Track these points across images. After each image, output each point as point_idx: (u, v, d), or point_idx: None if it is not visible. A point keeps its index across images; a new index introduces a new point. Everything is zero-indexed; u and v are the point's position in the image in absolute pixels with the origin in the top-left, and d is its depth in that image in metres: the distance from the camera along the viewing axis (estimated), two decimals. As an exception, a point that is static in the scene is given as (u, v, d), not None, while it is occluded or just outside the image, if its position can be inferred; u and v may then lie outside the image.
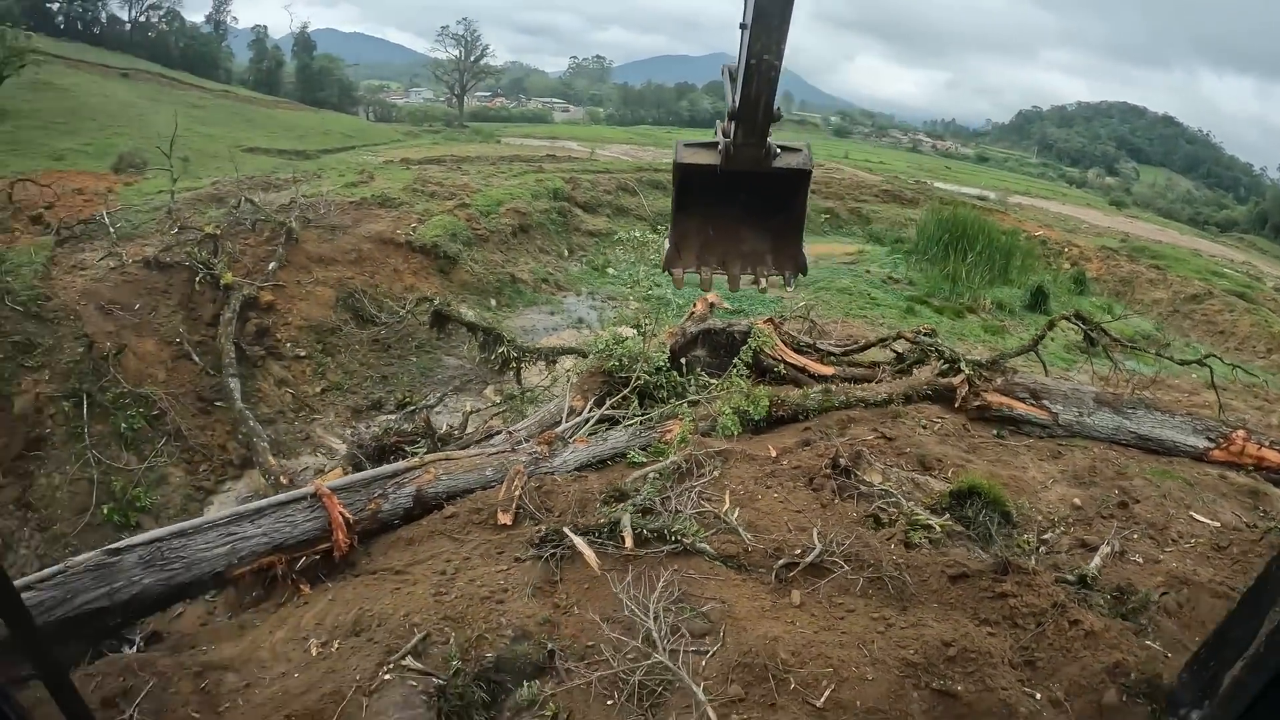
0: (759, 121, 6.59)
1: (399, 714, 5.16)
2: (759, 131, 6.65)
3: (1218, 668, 1.97)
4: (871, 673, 5.21)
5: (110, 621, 6.80)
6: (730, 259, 7.91)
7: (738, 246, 7.96)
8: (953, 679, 5.14)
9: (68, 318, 12.51)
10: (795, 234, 7.47)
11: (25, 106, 44.40)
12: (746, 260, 7.93)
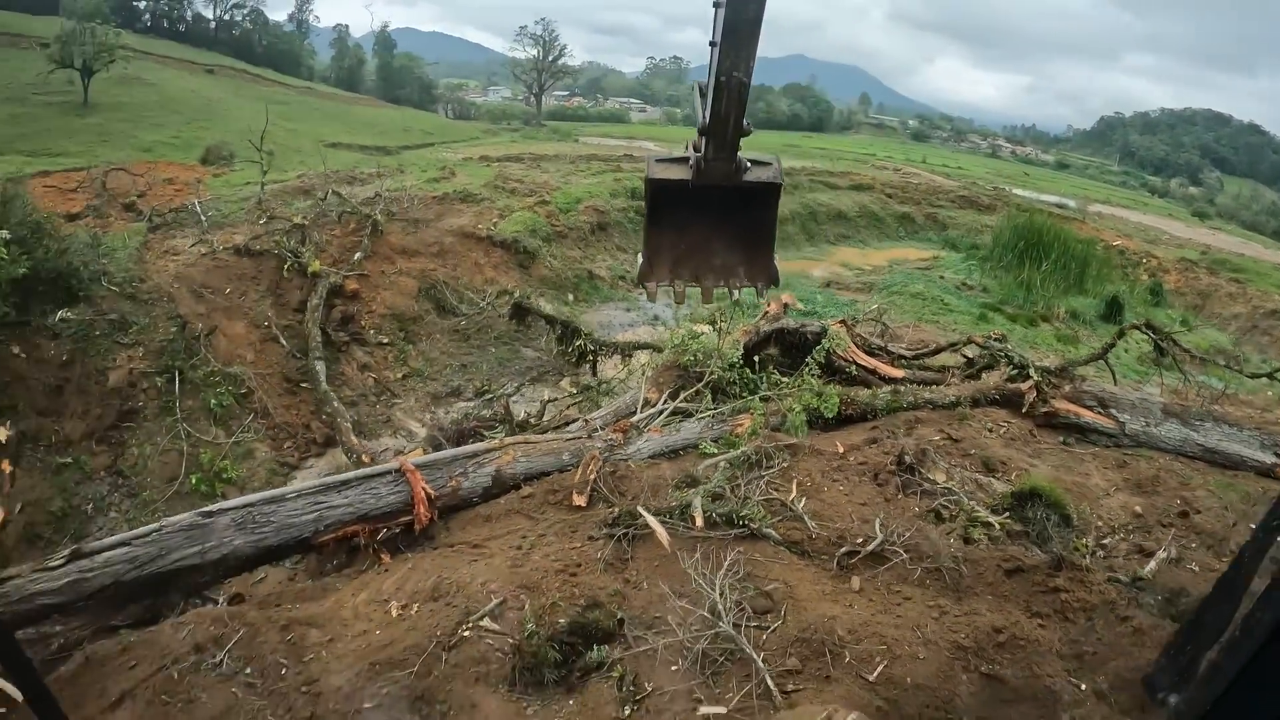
0: (729, 137, 6.97)
1: (475, 669, 5.73)
2: (729, 147, 7.04)
3: (1195, 652, 2.02)
4: (923, 653, 5.62)
5: (200, 579, 7.43)
6: (703, 272, 8.37)
7: (710, 259, 8.47)
8: (1001, 664, 5.51)
9: (161, 299, 13.48)
10: (767, 246, 8.08)
11: (114, 100, 46.92)
12: (719, 273, 8.42)
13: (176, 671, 5.74)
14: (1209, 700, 1.48)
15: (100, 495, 10.68)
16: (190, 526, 7.46)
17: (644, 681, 5.50)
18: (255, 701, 5.50)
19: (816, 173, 35.50)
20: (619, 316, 17.98)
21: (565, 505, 7.90)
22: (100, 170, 20.94)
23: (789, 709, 5.05)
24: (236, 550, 7.49)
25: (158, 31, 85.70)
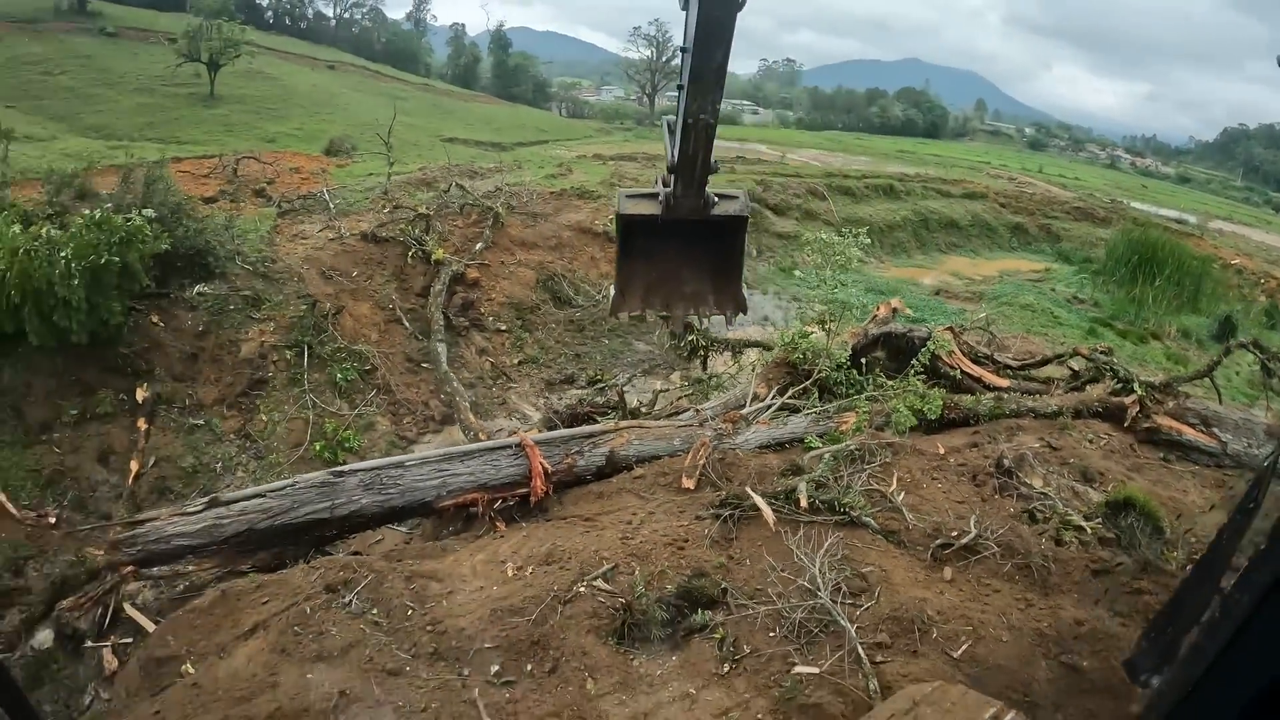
0: (697, 175, 7.67)
1: (588, 622, 6.31)
2: (697, 184, 7.73)
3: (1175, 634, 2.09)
4: (1007, 636, 6.03)
5: (327, 532, 8.37)
6: (673, 300, 8.88)
7: (680, 288, 8.98)
8: (1080, 655, 5.85)
9: (292, 279, 14.59)
10: (735, 275, 8.74)
11: (239, 92, 49.51)
12: (689, 301, 8.89)
13: (308, 607, 6.47)
14: (1190, 681, 1.52)
15: (229, 456, 11.67)
16: (322, 484, 8.40)
17: (743, 644, 6.02)
18: (382, 637, 6.17)
19: (929, 180, 35.46)
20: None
21: (674, 487, 8.48)
22: (232, 158, 22.38)
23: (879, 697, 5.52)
24: (363, 509, 8.35)
25: (279, 28, 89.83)
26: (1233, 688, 1.36)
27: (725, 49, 7.34)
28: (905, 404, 9.78)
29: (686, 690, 5.66)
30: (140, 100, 44.80)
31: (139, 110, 42.68)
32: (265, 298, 14.07)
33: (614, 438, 9.51)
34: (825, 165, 37.46)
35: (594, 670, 5.80)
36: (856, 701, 5.41)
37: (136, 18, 65.65)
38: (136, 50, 56.50)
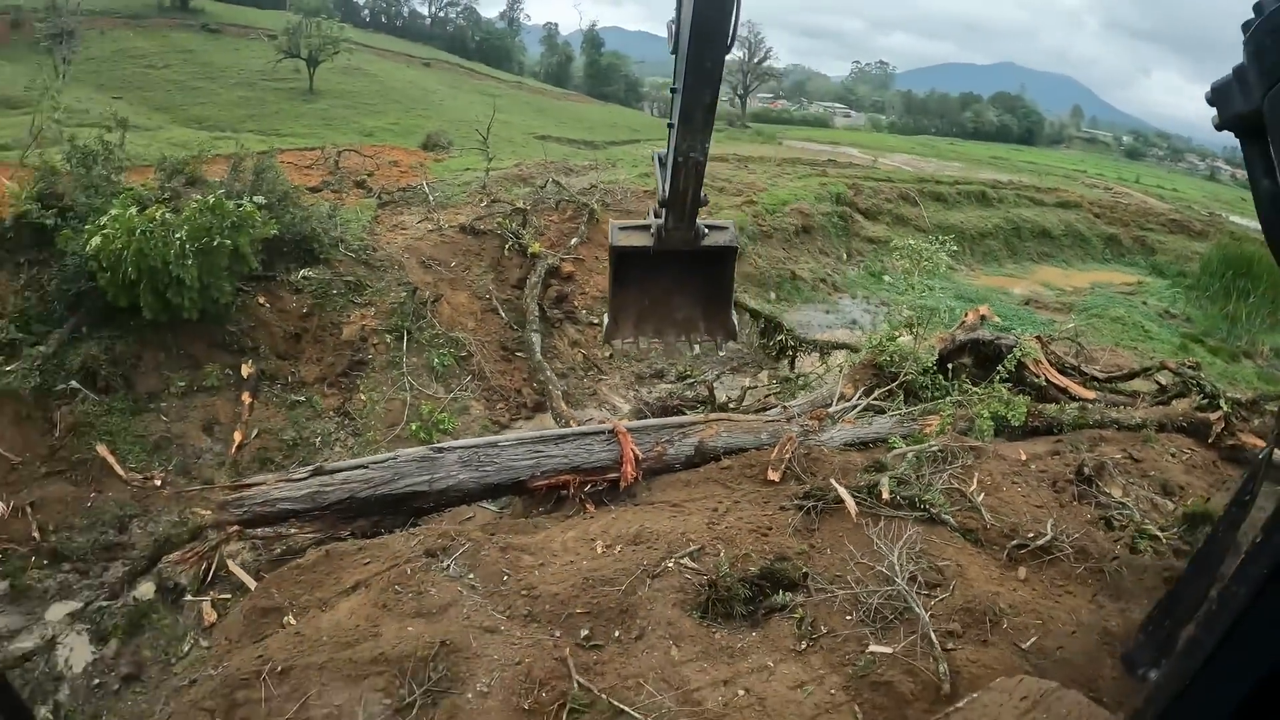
0: (687, 209, 8.20)
1: (674, 595, 6.70)
2: (688, 217, 8.26)
3: (1172, 627, 2.12)
4: (1075, 633, 6.16)
5: (424, 504, 8.88)
6: (665, 327, 9.38)
7: (672, 315, 9.44)
8: None
9: (393, 267, 15.30)
10: (725, 304, 9.23)
11: (337, 88, 51.34)
12: (680, 327, 9.41)
13: (409, 569, 6.98)
14: (1187, 674, 1.52)
15: (328, 431, 12.32)
16: (422, 458, 8.95)
17: (820, 624, 6.40)
18: (478, 599, 6.64)
19: (1023, 187, 35.02)
20: (818, 318, 18.62)
21: (760, 479, 8.86)
22: (333, 150, 23.40)
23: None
24: (460, 483, 8.90)
25: (376, 26, 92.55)
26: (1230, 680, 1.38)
27: (714, 91, 7.90)
28: (989, 410, 10.04)
29: (764, 663, 6.02)
30: (241, 94, 46.82)
31: (240, 103, 44.61)
32: (367, 284, 14.78)
33: (704, 429, 9.88)
34: (917, 170, 37.45)
35: (678, 639, 6.20)
36: (926, 683, 5.75)
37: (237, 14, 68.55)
38: (237, 46, 58.97)
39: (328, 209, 16.25)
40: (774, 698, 5.66)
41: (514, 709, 5.38)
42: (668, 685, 5.67)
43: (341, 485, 8.69)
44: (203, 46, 57.67)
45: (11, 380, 11.27)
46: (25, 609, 9.05)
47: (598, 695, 5.51)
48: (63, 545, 9.83)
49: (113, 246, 11.79)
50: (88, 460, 11.02)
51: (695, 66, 7.56)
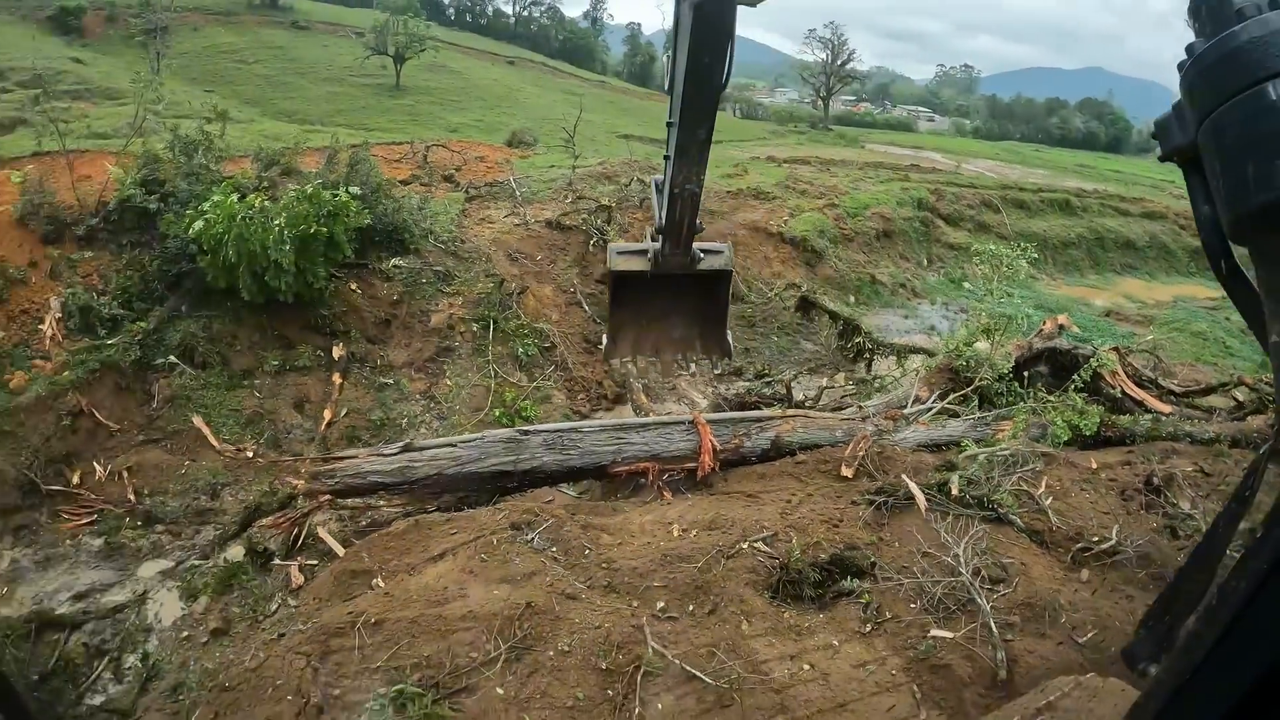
0: (683, 237, 8.84)
1: (747, 575, 7.06)
2: (684, 244, 8.90)
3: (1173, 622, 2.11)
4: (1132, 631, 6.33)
5: (508, 484, 9.33)
6: (662, 346, 10.15)
7: (669, 334, 10.15)
8: None
9: (480, 259, 15.95)
10: (720, 324, 9.98)
11: (423, 84, 52.82)
12: (677, 346, 10.17)
13: (495, 540, 7.45)
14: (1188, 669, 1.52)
15: (414, 414, 12.89)
16: (509, 439, 9.47)
17: (885, 610, 6.73)
18: (560, 569, 7.08)
19: (1108, 197, 34.74)
20: (897, 322, 18.77)
21: (833, 474, 9.18)
22: (422, 145, 24.12)
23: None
24: (544, 465, 9.37)
25: (461, 24, 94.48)
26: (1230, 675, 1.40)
27: (709, 127, 8.53)
28: (1062, 418, 10.21)
29: (830, 642, 6.37)
30: (329, 89, 48.38)
31: (328, 98, 46.12)
32: (455, 274, 15.46)
33: (781, 424, 10.21)
34: (1001, 177, 37.16)
35: (749, 615, 6.57)
36: (983, 669, 6.05)
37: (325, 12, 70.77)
38: (326, 42, 60.88)
39: (418, 201, 16.99)
40: (837, 674, 6.00)
41: (592, 668, 5.79)
42: (737, 656, 6.02)
43: (430, 462, 9.17)
44: (292, 43, 59.71)
45: (113, 353, 12.06)
46: (118, 565, 9.71)
47: (671, 660, 5.89)
48: (156, 508, 10.53)
49: (214, 231, 12.54)
50: (183, 430, 11.77)
51: (690, 104, 8.23)
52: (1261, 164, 1.52)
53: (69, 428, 11.33)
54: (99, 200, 14.36)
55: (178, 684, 7.06)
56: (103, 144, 18.19)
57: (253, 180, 15.20)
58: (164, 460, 11.39)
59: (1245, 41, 1.58)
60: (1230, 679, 1.39)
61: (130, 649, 8.41)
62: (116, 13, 53.69)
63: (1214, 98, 1.62)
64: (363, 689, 5.76)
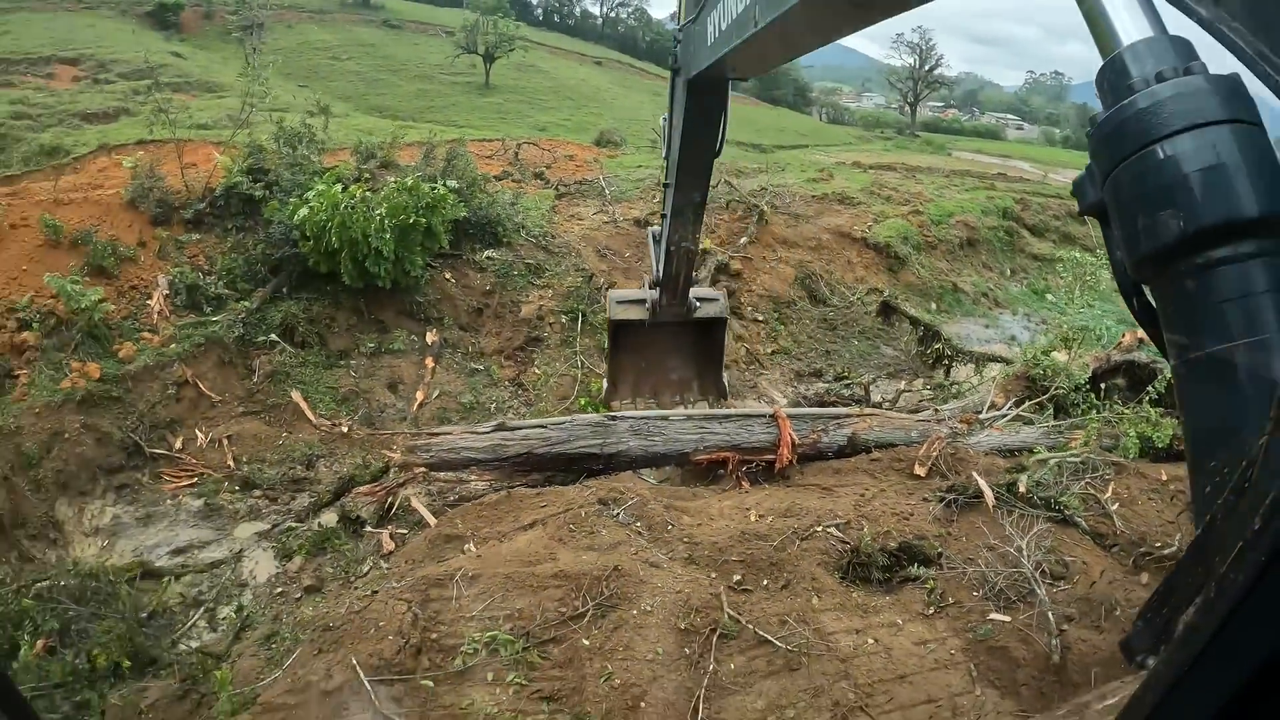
0: (679, 288, 9.64)
1: (819, 556, 7.52)
2: (680, 296, 9.70)
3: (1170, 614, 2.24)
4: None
5: (594, 466, 9.83)
6: (661, 387, 10.97)
7: (667, 376, 10.93)
8: None
9: (570, 253, 16.69)
10: (716, 367, 10.88)
11: (513, 84, 53.99)
12: (675, 387, 10.98)
13: (583, 512, 8.01)
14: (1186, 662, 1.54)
15: (501, 399, 13.58)
16: (597, 424, 10.03)
17: (948, 596, 7.14)
18: (644, 541, 7.61)
19: None
20: (977, 331, 18.86)
21: (906, 472, 9.61)
22: (513, 142, 24.95)
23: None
24: (629, 450, 9.88)
25: (549, 25, 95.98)
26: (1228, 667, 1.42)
27: (703, 191, 9.36)
28: (1135, 429, 10.38)
29: (894, 620, 6.80)
30: (420, 86, 49.78)
31: (419, 95, 47.47)
32: (545, 268, 16.24)
33: (858, 421, 10.63)
34: None
35: (819, 592, 7.04)
36: (1038, 653, 6.42)
37: (416, 11, 72.53)
38: (416, 41, 62.53)
39: (510, 197, 17.85)
40: (899, 649, 6.42)
41: (672, 627, 6.29)
42: (806, 626, 6.48)
43: (521, 441, 9.77)
44: (383, 41, 61.45)
45: (218, 329, 12.94)
46: (216, 525, 10.49)
47: (745, 625, 6.39)
48: (254, 475, 11.32)
49: (317, 218, 13.35)
50: (281, 405, 12.59)
51: (686, 170, 9.03)
52: (1148, 216, 1.82)
53: (173, 396, 12.23)
54: (206, 186, 15.26)
55: (271, 634, 7.57)
56: (204, 134, 19.32)
57: (353, 172, 16.06)
58: (262, 431, 12.22)
59: (1134, 112, 1.86)
60: (1228, 671, 1.44)
61: (225, 601, 9.07)
62: (213, 9, 55.86)
63: (1111, 160, 1.94)
64: (458, 634, 6.34)
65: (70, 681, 7.14)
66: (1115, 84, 1.98)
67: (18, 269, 13.09)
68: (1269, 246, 1.74)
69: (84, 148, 19.72)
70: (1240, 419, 1.73)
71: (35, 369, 11.79)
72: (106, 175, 16.74)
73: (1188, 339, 1.81)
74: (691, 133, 8.74)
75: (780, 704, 5.82)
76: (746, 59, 6.83)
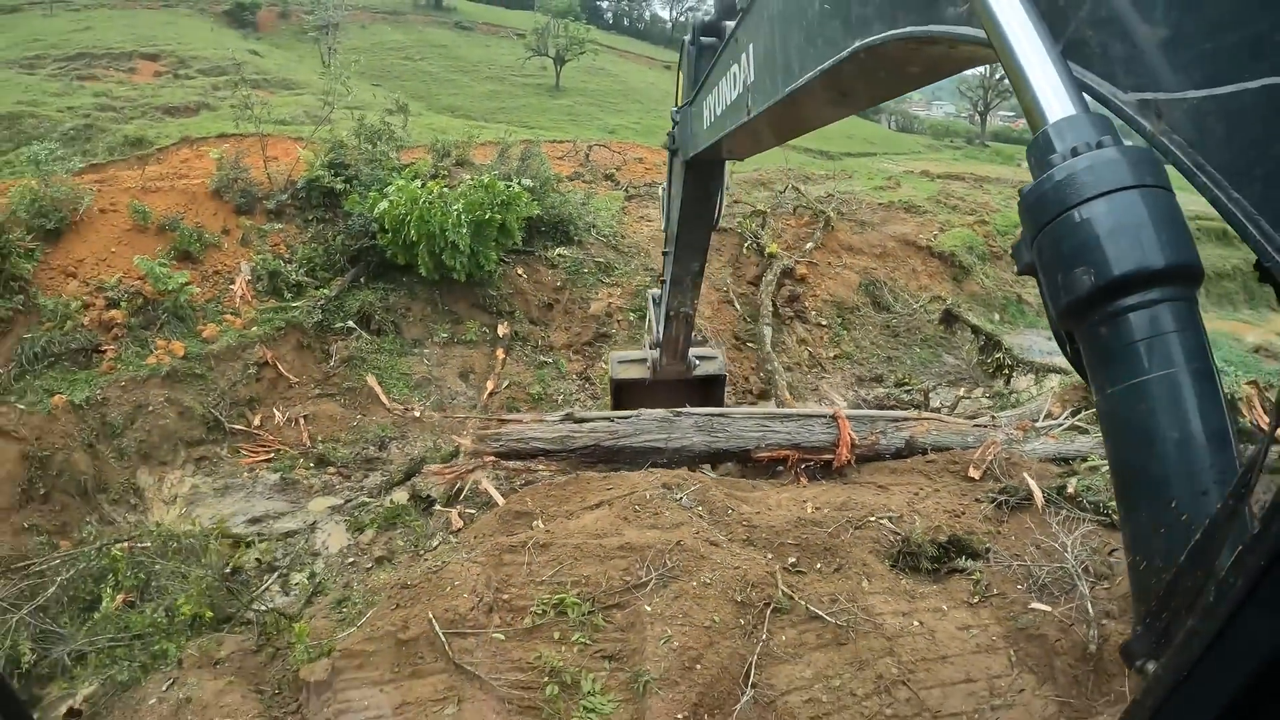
0: (679, 349, 10.32)
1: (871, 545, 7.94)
2: (680, 356, 10.40)
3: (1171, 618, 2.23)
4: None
5: (658, 460, 10.12)
6: None
7: None
8: None
9: (638, 253, 17.33)
10: None
11: (582, 86, 54.61)
12: None
13: (647, 495, 8.49)
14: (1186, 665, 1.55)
15: (569, 392, 14.23)
16: (663, 419, 10.38)
17: (993, 588, 7.53)
18: (704, 523, 8.08)
19: None
20: (1039, 343, 18.81)
21: (960, 474, 9.99)
22: (584, 144, 25.72)
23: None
24: (693, 445, 10.24)
25: (619, 28, 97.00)
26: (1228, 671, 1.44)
27: (701, 261, 9.76)
28: None
29: (939, 607, 7.22)
30: (491, 87, 50.73)
31: (489, 95, 48.39)
32: (614, 266, 16.91)
33: (916, 425, 11.01)
34: None
35: (869, 576, 7.47)
36: (1076, 642, 6.79)
37: (488, 13, 73.72)
38: (488, 42, 63.64)
39: (581, 197, 18.64)
40: (942, 632, 6.83)
41: (729, 600, 6.76)
42: (855, 605, 6.92)
43: (589, 433, 10.19)
44: (455, 42, 62.56)
45: (298, 314, 13.74)
46: (291, 498, 11.21)
47: (797, 602, 6.86)
48: (329, 453, 12.06)
49: (396, 212, 14.09)
50: (356, 388, 13.34)
51: (684, 242, 9.42)
52: (1066, 273, 2.01)
53: (253, 376, 13.04)
54: (288, 179, 16.07)
55: (343, 598, 8.04)
56: (282, 129, 20.20)
57: (430, 169, 16.82)
58: (337, 412, 12.98)
59: (1053, 184, 2.05)
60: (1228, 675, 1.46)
61: (299, 568, 9.68)
62: (289, 8, 57.38)
63: (1035, 226, 2.14)
64: (528, 596, 6.88)
65: (149, 632, 7.67)
66: (1040, 158, 2.16)
67: (106, 251, 13.96)
68: (1175, 293, 1.92)
69: (166, 139, 20.76)
70: (1159, 448, 1.89)
71: (122, 345, 12.66)
72: (189, 166, 17.68)
73: (1105, 378, 1.98)
74: (690, 209, 9.10)
75: (827, 674, 6.25)
76: (741, 142, 7.06)
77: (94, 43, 37.11)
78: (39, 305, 12.69)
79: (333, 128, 18.23)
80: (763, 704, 6.04)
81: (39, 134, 21.20)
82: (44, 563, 9.10)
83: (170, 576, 8.58)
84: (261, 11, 57.55)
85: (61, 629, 7.93)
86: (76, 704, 6.93)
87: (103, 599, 8.28)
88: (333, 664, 6.40)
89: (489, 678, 6.22)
